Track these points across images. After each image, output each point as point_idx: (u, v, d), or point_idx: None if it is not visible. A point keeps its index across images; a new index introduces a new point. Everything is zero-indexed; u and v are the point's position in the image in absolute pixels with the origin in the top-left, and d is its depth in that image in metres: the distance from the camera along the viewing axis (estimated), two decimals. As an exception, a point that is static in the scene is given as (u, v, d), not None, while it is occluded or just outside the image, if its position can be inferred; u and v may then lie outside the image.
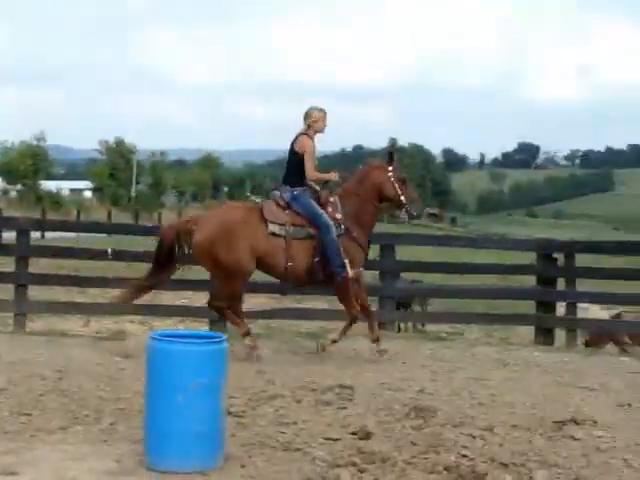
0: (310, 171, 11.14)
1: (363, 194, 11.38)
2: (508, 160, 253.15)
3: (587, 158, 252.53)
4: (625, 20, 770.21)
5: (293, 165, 11.25)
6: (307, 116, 11.32)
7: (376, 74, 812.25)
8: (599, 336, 15.29)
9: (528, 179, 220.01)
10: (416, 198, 11.70)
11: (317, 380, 9.56)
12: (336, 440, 7.18)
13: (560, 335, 14.31)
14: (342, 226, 11.14)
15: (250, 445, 6.95)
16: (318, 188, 11.37)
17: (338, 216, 11.19)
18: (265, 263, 11.09)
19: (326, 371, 10.22)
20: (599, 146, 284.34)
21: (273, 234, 10.97)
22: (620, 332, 15.14)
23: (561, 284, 14.28)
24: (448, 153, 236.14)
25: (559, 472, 6.50)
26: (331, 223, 11.04)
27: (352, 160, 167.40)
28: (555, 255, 14.18)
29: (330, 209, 11.24)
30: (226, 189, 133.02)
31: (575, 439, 7.47)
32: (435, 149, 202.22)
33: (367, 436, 7.29)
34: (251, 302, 18.22)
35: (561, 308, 14.34)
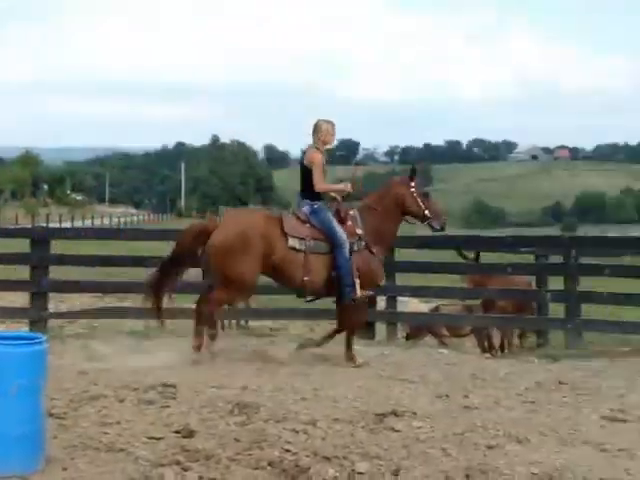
0: (318, 183, 11.07)
1: (385, 209, 11.33)
2: (329, 156, 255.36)
3: (406, 154, 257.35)
4: (443, 23, 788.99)
5: (306, 179, 11.19)
6: (317, 129, 11.28)
7: (199, 72, 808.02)
8: (418, 329, 15.66)
9: (349, 175, 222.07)
10: (439, 212, 11.68)
11: (140, 379, 9.47)
12: (159, 439, 7.13)
13: (381, 329, 14.57)
14: (362, 241, 11.13)
15: (72, 447, 6.83)
16: (340, 199, 11.34)
17: (358, 231, 11.17)
18: (282, 275, 11.04)
19: (149, 370, 10.13)
20: (418, 142, 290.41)
21: (293, 248, 10.89)
22: (438, 325, 15.51)
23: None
24: (270, 150, 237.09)
25: (380, 463, 6.62)
26: (346, 240, 10.98)
27: (173, 157, 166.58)
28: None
29: (350, 223, 11.20)
30: (46, 187, 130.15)
31: (395, 430, 7.63)
32: (257, 146, 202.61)
33: (190, 434, 7.27)
34: (74, 301, 18.00)
35: (381, 302, 14.60)
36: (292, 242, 10.86)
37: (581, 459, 6.88)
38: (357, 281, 10.93)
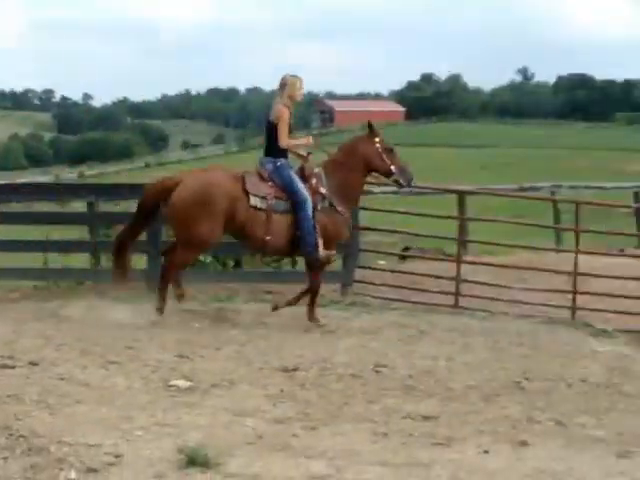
0: (283, 139, 10.88)
1: (350, 166, 11.17)
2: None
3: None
4: None
5: (271, 136, 11.01)
6: (284, 84, 11.02)
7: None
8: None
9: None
10: (405, 167, 11.43)
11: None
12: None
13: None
14: (326, 200, 10.99)
15: None
16: (305, 154, 11.22)
17: (322, 190, 11.01)
18: (243, 235, 10.91)
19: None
20: None
21: (255, 207, 10.73)
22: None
23: None
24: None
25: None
26: (308, 199, 10.85)
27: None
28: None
29: (314, 181, 11.03)
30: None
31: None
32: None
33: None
34: None
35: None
36: (253, 201, 10.72)
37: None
38: (320, 241, 10.89)
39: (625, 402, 7.90)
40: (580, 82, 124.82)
